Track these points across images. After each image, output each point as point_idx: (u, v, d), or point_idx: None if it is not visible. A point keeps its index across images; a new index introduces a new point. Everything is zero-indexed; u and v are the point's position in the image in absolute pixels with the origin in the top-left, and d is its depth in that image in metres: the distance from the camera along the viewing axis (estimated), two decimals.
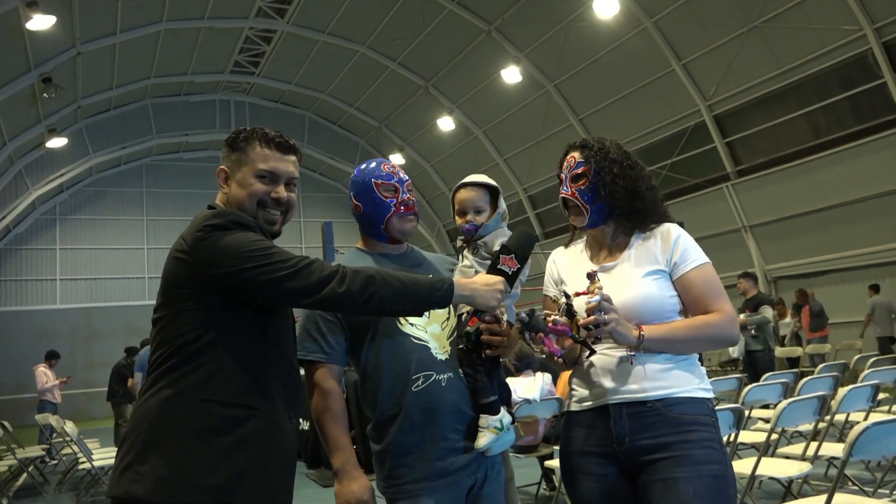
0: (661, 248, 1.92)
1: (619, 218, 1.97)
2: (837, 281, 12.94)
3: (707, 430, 1.80)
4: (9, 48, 13.71)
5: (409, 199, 2.11)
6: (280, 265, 1.63)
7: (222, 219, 1.70)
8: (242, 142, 1.84)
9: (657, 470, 1.76)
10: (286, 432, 1.72)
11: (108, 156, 20.43)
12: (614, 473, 1.84)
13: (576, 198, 1.97)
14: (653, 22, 13.98)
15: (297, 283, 1.62)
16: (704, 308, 1.87)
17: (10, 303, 20.24)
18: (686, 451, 1.75)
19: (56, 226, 21.03)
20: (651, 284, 1.88)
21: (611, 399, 1.84)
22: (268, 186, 1.83)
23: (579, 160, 2.00)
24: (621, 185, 1.94)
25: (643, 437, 1.79)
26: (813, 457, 3.80)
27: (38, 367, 11.04)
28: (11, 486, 8.07)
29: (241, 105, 22.23)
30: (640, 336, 1.78)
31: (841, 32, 11.65)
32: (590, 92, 16.25)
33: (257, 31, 18.22)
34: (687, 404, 1.81)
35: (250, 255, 1.63)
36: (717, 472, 1.75)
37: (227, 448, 1.59)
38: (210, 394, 1.61)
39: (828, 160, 12.47)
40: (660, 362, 1.84)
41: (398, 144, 21.78)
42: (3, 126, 15.86)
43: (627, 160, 1.98)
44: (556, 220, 19.12)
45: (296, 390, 1.80)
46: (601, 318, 1.71)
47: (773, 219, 13.79)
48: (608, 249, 2.01)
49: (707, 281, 1.89)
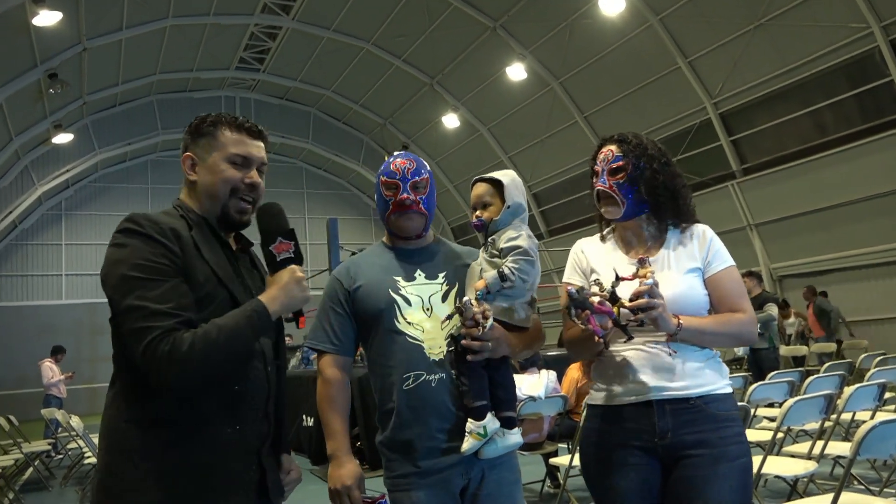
0: (699, 247, 2.01)
1: (656, 213, 2.02)
2: (843, 280, 12.89)
3: (738, 425, 1.92)
4: (15, 44, 13.73)
5: (406, 199, 2.05)
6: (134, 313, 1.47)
7: (128, 222, 1.56)
8: (210, 126, 1.73)
9: (696, 466, 1.84)
10: (222, 443, 1.56)
11: (114, 152, 20.48)
12: (653, 466, 1.90)
13: (613, 191, 2.01)
14: (659, 19, 13.94)
15: (133, 341, 1.46)
16: (730, 307, 1.96)
17: (16, 297, 20.31)
18: (723, 448, 1.85)
19: (62, 221, 21.09)
20: (692, 280, 1.97)
21: (654, 395, 1.90)
22: (241, 172, 1.70)
23: (617, 154, 2.03)
24: (661, 180, 1.99)
25: (684, 433, 1.87)
26: (819, 455, 3.79)
27: (44, 361, 11.09)
28: (18, 480, 8.10)
29: (247, 101, 22.25)
30: (679, 325, 1.83)
31: (848, 30, 11.60)
32: (595, 89, 16.21)
33: (263, 27, 18.23)
34: (722, 401, 1.91)
35: (125, 282, 1.49)
36: (747, 464, 1.88)
37: (156, 468, 1.49)
38: (133, 414, 1.51)
39: (834, 158, 12.43)
40: (696, 360, 1.92)
41: (403, 141, 21.77)
42: (9, 122, 15.91)
43: (664, 157, 2.04)
44: (560, 217, 19.11)
45: (240, 399, 1.60)
46: (652, 301, 1.75)
47: (778, 217, 13.75)
48: (644, 244, 2.06)
49: (734, 281, 2.00)
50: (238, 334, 1.53)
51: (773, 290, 13.23)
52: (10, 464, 7.30)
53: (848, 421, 4.95)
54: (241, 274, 1.71)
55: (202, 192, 1.71)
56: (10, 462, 7.34)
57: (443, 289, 2.07)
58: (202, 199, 1.72)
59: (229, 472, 1.58)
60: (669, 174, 2.02)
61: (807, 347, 10.29)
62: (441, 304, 2.04)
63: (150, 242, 1.54)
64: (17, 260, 20.51)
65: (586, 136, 16.95)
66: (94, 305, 19.20)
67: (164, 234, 1.56)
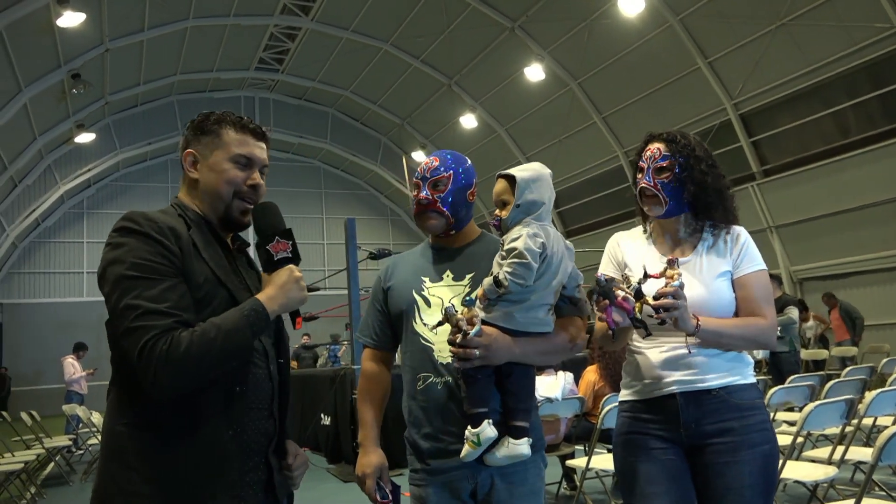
0: (732, 249, 2.05)
1: (697, 214, 2.06)
2: (865, 283, 12.73)
3: (762, 413, 1.99)
4: (40, 45, 13.94)
5: (422, 198, 2.03)
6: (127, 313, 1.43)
7: (125, 220, 1.53)
8: (214, 124, 1.68)
9: (720, 453, 1.93)
10: (221, 446, 1.52)
11: (135, 151, 20.73)
12: (679, 455, 1.99)
13: (658, 189, 2.04)
14: (678, 19, 13.85)
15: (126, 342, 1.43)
16: (752, 310, 2.00)
17: (39, 295, 20.63)
18: (745, 436, 1.92)
19: (83, 219, 21.38)
20: (721, 285, 2.01)
21: (678, 388, 1.98)
22: (244, 173, 1.67)
23: (665, 153, 2.06)
24: (710, 182, 2.02)
25: (708, 423, 1.95)
26: (839, 461, 3.74)
27: (66, 358, 11.25)
28: (39, 475, 8.21)
29: (266, 102, 22.41)
30: (698, 326, 1.88)
31: (872, 30, 11.44)
32: (614, 90, 16.13)
33: (282, 28, 18.35)
34: (745, 390, 1.99)
35: (120, 282, 1.46)
36: (769, 450, 1.95)
37: (152, 474, 1.46)
38: (130, 417, 1.48)
39: (856, 160, 12.27)
40: (716, 355, 1.98)
41: (420, 142, 21.81)
42: (33, 121, 16.15)
43: (711, 159, 2.06)
44: (578, 218, 19.04)
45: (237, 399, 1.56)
46: (675, 302, 1.79)
47: (799, 219, 13.60)
48: (679, 243, 2.11)
49: (761, 285, 2.04)
50: (236, 334, 1.48)
51: (793, 292, 13.09)
52: (33, 458, 7.40)
53: (869, 426, 4.89)
54: (240, 274, 1.68)
55: (203, 191, 1.67)
56: (33, 457, 7.44)
57: (465, 290, 2.02)
58: (203, 198, 1.68)
59: (230, 475, 1.54)
60: (716, 175, 2.05)
61: (827, 351, 10.16)
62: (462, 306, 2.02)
63: (148, 241, 1.50)
64: (39, 257, 20.82)
65: (605, 136, 16.87)
66: None
67: (163, 232, 1.53)
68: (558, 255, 1.91)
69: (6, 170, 16.66)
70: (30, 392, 18.54)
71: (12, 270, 20.46)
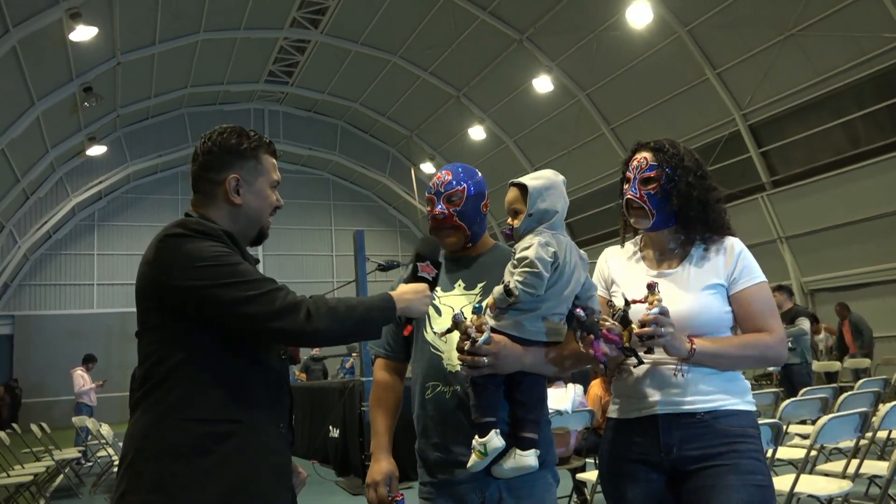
0: (724, 262, 1.93)
1: (686, 226, 1.95)
2: (877, 294, 12.62)
3: (754, 443, 1.83)
4: (52, 58, 14.09)
5: (437, 213, 2.03)
6: (242, 285, 1.53)
7: (183, 228, 1.60)
8: (254, 150, 1.75)
9: (706, 476, 1.78)
10: (275, 441, 1.64)
11: (146, 163, 20.87)
12: (660, 481, 1.86)
13: (643, 201, 1.94)
14: (687, 30, 13.85)
15: (258, 307, 1.52)
16: (756, 326, 1.88)
17: (49, 307, 20.73)
18: (734, 461, 1.77)
19: (94, 232, 21.51)
20: (709, 298, 1.89)
21: (660, 410, 1.86)
22: (275, 195, 1.81)
23: (651, 163, 1.95)
24: (695, 195, 1.92)
25: (691, 448, 1.81)
26: (854, 475, 3.70)
27: (76, 370, 11.27)
28: (49, 487, 8.22)
29: (275, 114, 22.54)
30: (692, 350, 1.79)
31: (880, 40, 11.41)
32: (622, 101, 16.14)
33: (292, 41, 18.48)
34: (734, 416, 1.83)
35: (210, 270, 1.53)
36: (763, 482, 1.78)
37: (212, 466, 1.51)
38: (187, 413, 1.53)
39: (866, 170, 12.20)
40: (707, 374, 1.85)
41: (429, 154, 21.86)
42: (45, 134, 16.29)
43: (700, 169, 1.96)
44: (588, 229, 19.00)
45: (284, 397, 1.71)
46: (658, 330, 1.71)
47: (809, 230, 13.52)
48: (668, 255, 1.99)
49: (762, 299, 1.91)
50: (373, 311, 1.68)
51: (804, 304, 12.99)
52: (42, 470, 7.42)
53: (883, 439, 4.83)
54: None
55: (246, 215, 1.74)
56: (42, 469, 7.46)
57: (477, 299, 2.01)
58: (241, 221, 1.74)
59: (279, 468, 1.64)
60: (704, 188, 1.94)
61: (840, 363, 10.06)
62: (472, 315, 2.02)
63: (210, 239, 1.60)
64: (50, 269, 20.95)
65: (613, 148, 16.86)
66: (125, 315, 19.51)
67: (220, 236, 1.63)
68: (571, 264, 1.88)
69: (18, 182, 16.79)
70: (40, 404, 18.60)
71: (24, 282, 20.58)
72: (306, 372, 13.76)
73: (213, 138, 1.73)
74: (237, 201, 1.71)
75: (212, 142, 1.73)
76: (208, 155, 1.73)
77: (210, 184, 1.72)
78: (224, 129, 1.76)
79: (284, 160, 21.66)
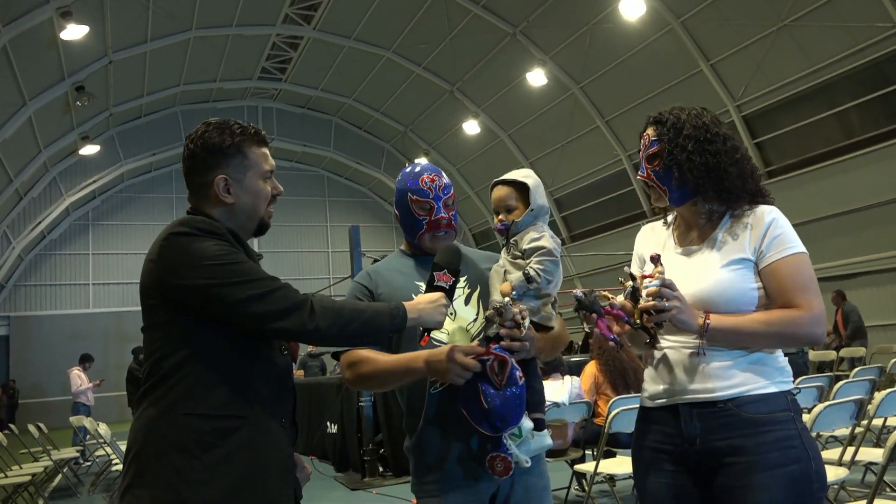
0: (751, 234, 1.77)
1: (706, 197, 1.81)
2: (872, 283, 12.67)
3: (783, 429, 1.67)
4: (44, 58, 14.03)
5: (442, 219, 2.04)
6: (248, 284, 1.55)
7: (188, 227, 1.61)
8: (238, 145, 1.72)
9: (732, 475, 1.67)
10: (278, 436, 1.65)
11: (139, 162, 20.83)
12: (685, 473, 1.76)
13: (651, 180, 1.85)
14: (680, 22, 13.85)
15: (263, 306, 1.54)
16: (786, 301, 1.71)
17: (45, 307, 20.69)
18: (760, 456, 1.64)
19: (89, 231, 21.47)
20: (730, 275, 1.74)
21: (680, 398, 1.75)
22: (270, 185, 1.78)
23: (653, 138, 1.86)
24: (698, 162, 1.77)
25: (715, 439, 1.69)
26: (850, 462, 3.72)
27: (73, 369, 11.24)
28: (47, 487, 8.21)
29: (269, 111, 22.49)
30: (706, 324, 1.66)
31: (874, 30, 11.43)
32: (616, 94, 16.14)
33: (284, 37, 18.43)
34: (761, 402, 1.69)
35: (215, 269, 1.55)
36: (797, 472, 1.64)
37: (218, 461, 1.53)
38: (193, 408, 1.54)
39: (860, 160, 12.24)
40: (730, 357, 1.72)
41: (423, 148, 21.85)
42: (37, 134, 16.24)
43: (706, 133, 1.80)
44: (583, 223, 19.03)
45: (286, 393, 1.72)
46: (661, 304, 1.60)
47: (803, 220, 13.51)
48: (699, 230, 1.86)
49: (795, 272, 1.74)
50: (380, 316, 1.67)
51: None
52: (40, 470, 7.41)
53: (879, 427, 4.86)
54: None
55: (241, 212, 1.73)
56: (40, 469, 7.45)
57: (465, 292, 2.04)
58: (238, 218, 1.74)
59: (283, 462, 1.66)
60: (711, 152, 1.78)
61: (836, 352, 10.11)
62: (464, 306, 2.03)
63: (216, 238, 1.61)
64: (45, 270, 20.90)
65: (608, 140, 16.86)
66: (121, 314, 19.51)
67: (224, 235, 1.63)
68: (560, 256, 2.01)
69: (11, 183, 16.74)
70: (37, 404, 18.58)
71: (19, 283, 20.54)
72: (304, 368, 13.75)
73: (196, 139, 1.72)
74: (228, 201, 1.70)
75: (194, 143, 1.72)
76: (192, 158, 1.72)
77: (200, 186, 1.72)
78: (206, 126, 1.75)
79: (279, 157, 21.59)
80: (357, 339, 1.71)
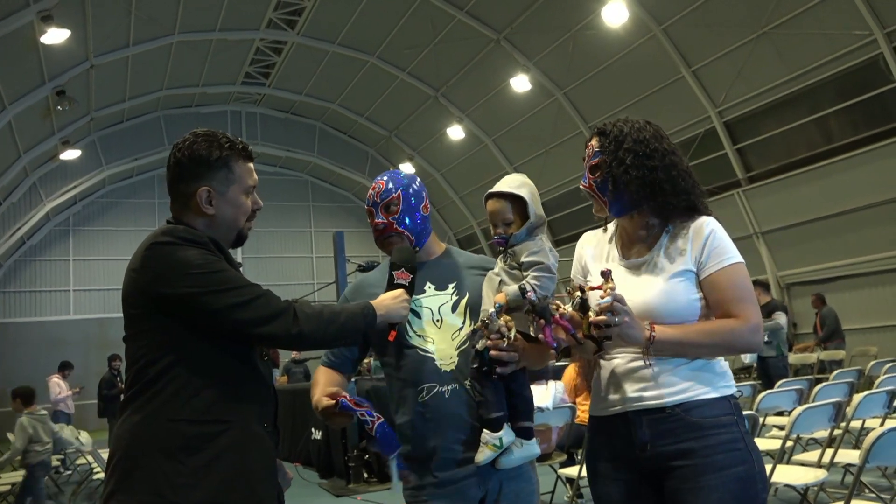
0: (692, 246, 1.82)
1: (642, 211, 1.86)
2: (852, 286, 12.82)
3: (728, 432, 1.73)
4: (24, 61, 13.88)
5: (377, 224, 2.07)
6: (231, 292, 1.59)
7: (171, 236, 1.63)
8: (224, 159, 1.74)
9: (682, 478, 1.71)
10: (262, 440, 1.68)
11: (121, 167, 20.62)
12: (636, 479, 1.81)
13: (593, 190, 1.91)
14: (662, 29, 13.98)
15: (247, 313, 1.58)
16: (726, 312, 1.77)
17: (25, 314, 20.40)
18: (708, 458, 1.70)
19: (70, 237, 21.20)
20: (674, 286, 1.79)
21: (630, 406, 1.79)
22: (251, 199, 1.81)
23: (596, 149, 1.91)
24: (634, 175, 1.80)
25: (664, 444, 1.74)
26: (829, 464, 3.77)
27: (52, 377, 11.13)
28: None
29: (252, 116, 22.38)
30: (651, 337, 1.71)
31: (852, 37, 11.60)
32: (599, 99, 16.25)
33: (268, 42, 18.36)
34: (706, 406, 1.74)
35: (199, 277, 1.57)
36: (742, 473, 1.70)
37: (203, 465, 1.54)
38: (177, 413, 1.56)
39: (840, 165, 12.40)
40: (677, 365, 1.77)
41: (408, 154, 21.85)
42: (17, 138, 16.05)
43: (645, 148, 1.83)
44: (567, 227, 19.09)
45: (269, 398, 1.75)
46: (611, 318, 1.64)
47: (785, 225, 13.70)
48: (641, 242, 1.90)
49: (733, 283, 1.79)
50: (355, 318, 1.76)
51: (780, 298, 13.17)
52: (20, 479, 7.31)
53: (858, 428, 4.93)
54: None
55: (221, 224, 1.76)
56: (20, 478, 7.35)
57: (452, 299, 2.06)
58: (218, 229, 1.76)
59: (267, 466, 1.68)
60: (647, 168, 1.80)
61: (815, 355, 10.23)
62: (451, 314, 2.05)
63: (198, 247, 1.64)
64: (25, 276, 20.61)
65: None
66: (102, 320, 19.27)
67: (206, 244, 1.66)
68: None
69: None
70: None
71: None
72: (288, 375, 13.69)
73: (184, 149, 1.73)
74: (209, 212, 1.73)
75: (181, 153, 1.73)
76: (178, 167, 1.74)
77: (183, 195, 1.74)
78: (195, 137, 1.75)
79: (263, 162, 21.51)
80: (337, 340, 1.79)
